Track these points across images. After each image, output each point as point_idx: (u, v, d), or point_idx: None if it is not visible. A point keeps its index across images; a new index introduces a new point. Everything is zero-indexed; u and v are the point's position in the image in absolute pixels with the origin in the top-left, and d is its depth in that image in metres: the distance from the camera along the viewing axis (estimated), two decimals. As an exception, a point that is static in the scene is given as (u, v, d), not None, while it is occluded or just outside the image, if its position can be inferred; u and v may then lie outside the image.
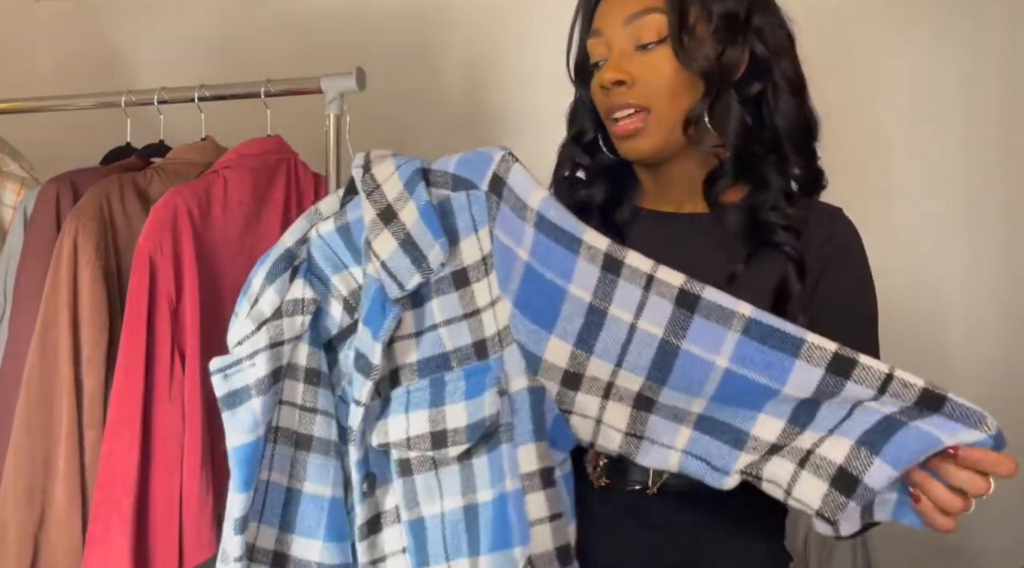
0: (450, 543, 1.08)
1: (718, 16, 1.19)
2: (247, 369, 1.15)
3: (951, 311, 2.01)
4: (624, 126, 1.21)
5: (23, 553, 1.58)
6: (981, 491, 0.95)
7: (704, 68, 1.18)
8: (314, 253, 1.19)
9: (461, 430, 1.05)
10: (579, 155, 1.30)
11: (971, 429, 0.92)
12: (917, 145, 2.02)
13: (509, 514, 1.03)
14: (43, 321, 1.64)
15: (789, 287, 1.17)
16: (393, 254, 1.08)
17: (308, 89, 1.78)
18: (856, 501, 0.93)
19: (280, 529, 1.19)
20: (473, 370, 1.07)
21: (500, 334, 1.06)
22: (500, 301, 1.05)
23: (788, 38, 1.24)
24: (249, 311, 1.16)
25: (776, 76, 1.21)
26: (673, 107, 1.19)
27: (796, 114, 1.22)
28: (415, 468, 1.11)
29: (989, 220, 2.00)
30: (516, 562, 1.02)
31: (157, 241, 1.60)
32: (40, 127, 2.17)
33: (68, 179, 1.78)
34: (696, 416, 1.01)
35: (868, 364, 0.94)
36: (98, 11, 2.45)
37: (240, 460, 1.15)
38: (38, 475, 1.61)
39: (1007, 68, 1.99)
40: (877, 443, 0.92)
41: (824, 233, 1.21)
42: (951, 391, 0.94)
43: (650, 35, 1.19)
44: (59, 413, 1.61)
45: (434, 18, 2.22)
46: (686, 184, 1.25)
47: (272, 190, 1.80)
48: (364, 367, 1.11)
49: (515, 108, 2.16)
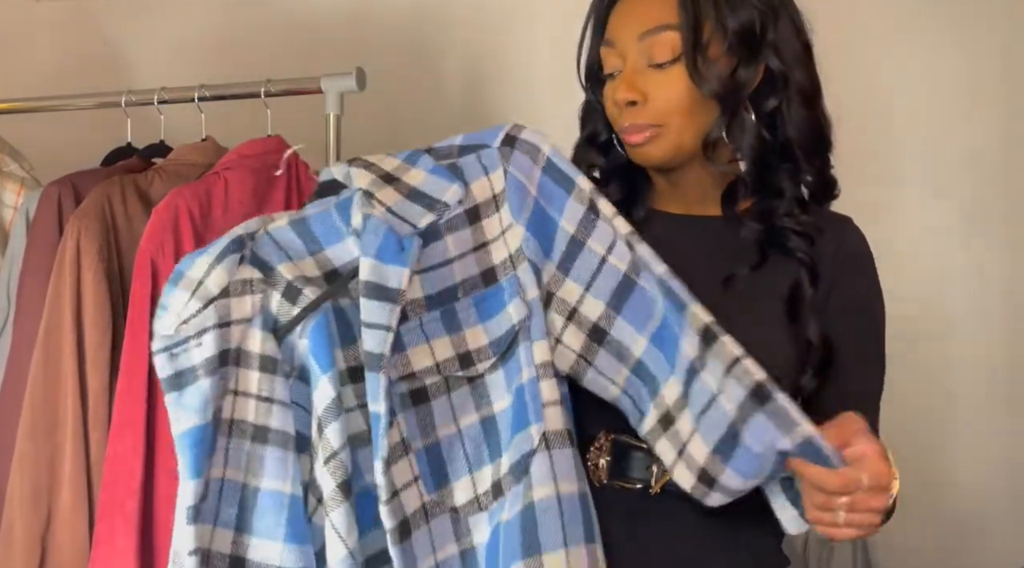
0: (472, 456, 1.15)
1: (733, 32, 1.17)
2: (193, 348, 1.12)
3: (953, 315, 2.01)
4: (636, 136, 1.20)
5: (30, 555, 1.59)
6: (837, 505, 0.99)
7: (717, 90, 1.17)
8: (258, 247, 1.17)
9: (484, 348, 1.16)
10: (593, 156, 1.29)
11: (784, 437, 1.00)
12: (920, 148, 2.02)
13: (526, 400, 1.14)
14: (47, 324, 1.64)
15: (802, 291, 1.18)
16: (399, 202, 1.17)
17: (308, 89, 1.78)
18: (721, 492, 1.07)
19: (236, 531, 1.14)
20: (481, 296, 1.17)
21: (512, 257, 1.18)
22: (512, 228, 1.18)
23: (804, 46, 1.22)
24: (192, 293, 1.14)
25: (790, 89, 1.20)
26: (686, 124, 1.19)
27: (808, 126, 1.21)
28: (432, 394, 1.14)
29: (992, 224, 2.00)
30: (532, 438, 1.13)
31: (159, 243, 1.61)
32: (40, 127, 2.17)
33: (69, 181, 1.79)
34: (635, 360, 1.14)
35: (726, 342, 1.05)
36: (98, 11, 2.45)
37: (189, 444, 1.11)
38: (43, 477, 1.61)
39: (1010, 69, 1.99)
40: (726, 454, 1.05)
41: (836, 242, 1.21)
42: (782, 395, 1.01)
43: (664, 54, 1.17)
44: (64, 415, 1.62)
45: (434, 18, 2.22)
46: (699, 188, 1.25)
47: (272, 190, 1.80)
48: (385, 294, 1.12)
49: (515, 108, 2.16)
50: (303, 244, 1.18)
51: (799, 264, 1.18)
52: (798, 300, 1.17)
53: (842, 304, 1.20)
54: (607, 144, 1.28)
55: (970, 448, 1.92)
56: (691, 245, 1.23)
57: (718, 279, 1.18)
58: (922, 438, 1.88)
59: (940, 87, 2.02)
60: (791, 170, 1.22)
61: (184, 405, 1.12)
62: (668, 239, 1.24)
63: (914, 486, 1.22)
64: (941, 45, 2.02)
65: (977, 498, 1.90)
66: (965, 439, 1.93)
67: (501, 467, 1.15)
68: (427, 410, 1.14)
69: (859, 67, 1.97)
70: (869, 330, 1.22)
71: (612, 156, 1.28)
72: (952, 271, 2.02)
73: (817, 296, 1.18)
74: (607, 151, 1.29)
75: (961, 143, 2.01)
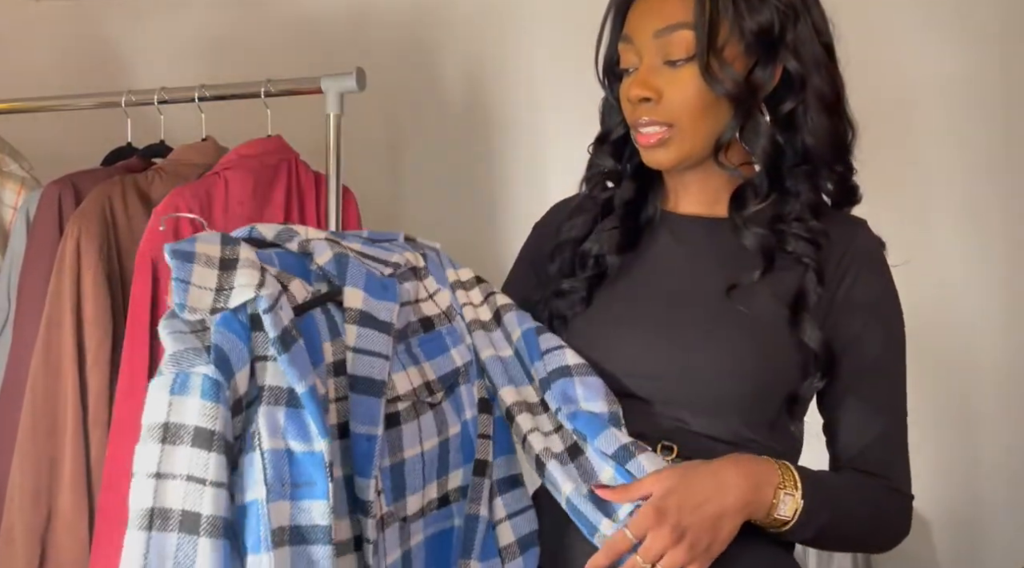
0: (427, 473, 1.20)
1: (750, 32, 1.16)
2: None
3: (953, 315, 2.01)
4: (647, 138, 1.19)
5: (30, 554, 1.59)
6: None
7: (731, 92, 1.15)
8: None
9: (435, 381, 1.22)
10: (609, 152, 1.28)
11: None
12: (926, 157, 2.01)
13: (471, 434, 1.23)
14: (47, 323, 1.64)
15: (807, 298, 1.16)
16: (359, 254, 1.23)
17: (308, 89, 1.78)
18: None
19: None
20: (425, 338, 1.25)
21: (446, 313, 1.27)
22: (439, 292, 1.29)
23: (826, 49, 1.19)
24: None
25: (808, 93, 1.18)
26: (698, 124, 1.17)
27: (827, 132, 1.18)
28: (403, 419, 1.18)
29: (992, 226, 2.00)
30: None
31: (159, 244, 1.61)
32: (40, 127, 2.17)
33: (70, 181, 1.79)
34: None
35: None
36: (98, 11, 2.45)
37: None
38: (44, 477, 1.61)
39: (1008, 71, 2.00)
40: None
41: (844, 244, 1.19)
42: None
43: (679, 52, 1.16)
44: (64, 415, 1.62)
45: (434, 18, 2.22)
46: (710, 190, 1.24)
47: (273, 190, 1.80)
48: (378, 325, 1.17)
49: (515, 108, 2.16)
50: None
51: (805, 268, 1.17)
52: (801, 307, 1.16)
53: (849, 304, 1.18)
54: (622, 141, 1.27)
55: (970, 448, 1.92)
56: (699, 248, 1.22)
57: (723, 283, 1.17)
58: (923, 439, 1.88)
59: (944, 89, 2.01)
60: (809, 172, 1.20)
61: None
62: (676, 241, 1.24)
63: (914, 486, 1.22)
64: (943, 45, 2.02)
65: (978, 498, 1.90)
66: (965, 439, 1.93)
67: (449, 482, 1.21)
68: (397, 433, 1.17)
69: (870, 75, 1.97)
70: (877, 331, 1.19)
71: (628, 153, 1.27)
72: (954, 273, 2.01)
73: (823, 301, 1.17)
74: (623, 148, 1.27)
75: (961, 149, 2.01)
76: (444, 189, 2.21)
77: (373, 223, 1.98)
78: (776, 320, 1.16)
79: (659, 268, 1.24)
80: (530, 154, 2.16)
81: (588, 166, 1.32)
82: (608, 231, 1.26)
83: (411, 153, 2.25)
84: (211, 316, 1.05)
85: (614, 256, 1.24)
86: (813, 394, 1.20)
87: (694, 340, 1.17)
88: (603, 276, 1.25)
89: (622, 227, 1.26)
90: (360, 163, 2.01)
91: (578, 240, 1.28)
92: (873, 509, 1.18)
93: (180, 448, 0.99)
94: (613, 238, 1.25)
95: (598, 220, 1.28)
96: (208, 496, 0.98)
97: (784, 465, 1.12)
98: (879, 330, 1.20)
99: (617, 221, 1.26)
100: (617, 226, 1.26)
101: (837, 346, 1.17)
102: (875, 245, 1.22)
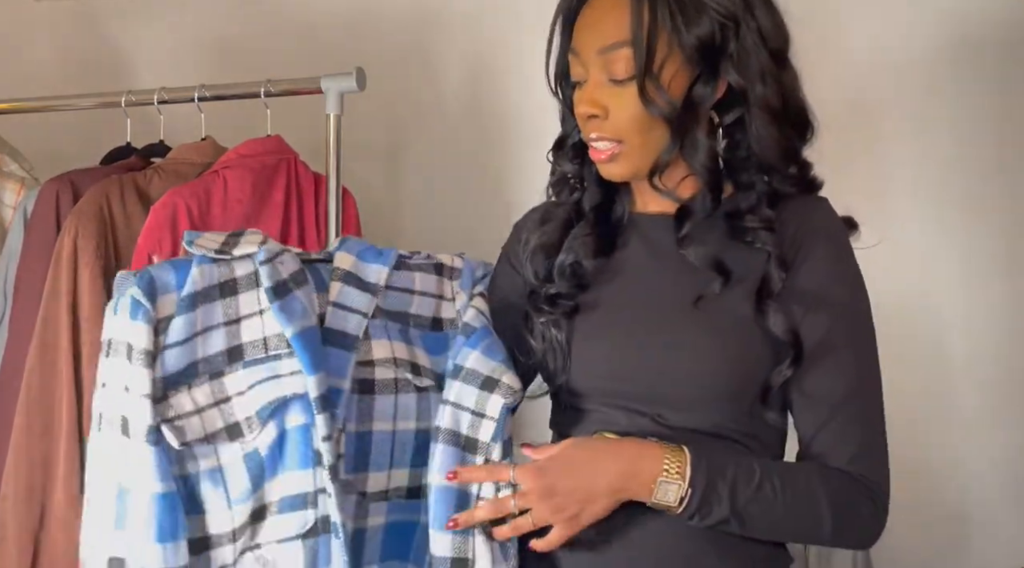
0: (396, 456, 1.23)
1: (690, 47, 1.15)
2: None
3: (953, 315, 2.00)
4: (598, 153, 1.21)
5: (23, 552, 1.59)
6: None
7: (666, 114, 1.16)
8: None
9: (428, 369, 1.26)
10: (570, 157, 1.29)
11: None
12: (911, 146, 2.01)
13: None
14: (43, 320, 1.64)
15: (771, 284, 1.16)
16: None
17: (308, 89, 1.78)
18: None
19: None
20: (429, 336, 1.29)
21: (455, 319, 1.30)
22: (459, 295, 1.32)
23: (773, 55, 1.18)
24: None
25: (752, 103, 1.18)
26: (645, 141, 1.18)
27: (773, 141, 1.19)
28: (378, 389, 1.22)
29: (988, 223, 1.99)
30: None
31: (156, 240, 1.61)
32: (40, 127, 2.17)
33: (68, 179, 1.79)
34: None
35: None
36: (98, 11, 2.45)
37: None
38: (38, 474, 1.61)
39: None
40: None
41: (798, 222, 1.19)
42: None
43: (620, 71, 1.16)
44: (59, 413, 1.62)
45: (434, 19, 2.22)
46: (671, 188, 1.23)
47: (272, 190, 1.80)
48: (363, 285, 1.24)
49: (515, 108, 2.16)
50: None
51: (768, 257, 1.17)
52: (766, 295, 1.16)
53: (803, 279, 1.17)
54: (581, 144, 1.27)
55: (970, 448, 1.91)
56: (669, 248, 1.23)
57: (693, 285, 1.18)
58: (921, 438, 1.87)
59: (930, 82, 2.00)
60: (762, 167, 1.20)
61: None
62: (645, 243, 1.25)
63: (914, 486, 1.21)
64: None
65: (977, 498, 1.89)
66: (965, 439, 1.92)
67: (423, 476, 1.24)
68: (369, 401, 1.22)
69: (844, 63, 1.96)
70: (835, 305, 1.17)
71: (586, 158, 1.27)
72: (948, 270, 2.00)
73: (787, 284, 1.16)
74: (582, 151, 1.27)
75: (953, 140, 1.99)
76: (444, 189, 2.21)
77: (373, 223, 1.98)
78: (745, 315, 1.17)
79: (630, 274, 1.25)
80: (530, 154, 2.15)
81: (551, 172, 1.33)
82: (582, 238, 1.27)
83: (411, 153, 2.25)
84: (216, 255, 1.18)
85: (591, 261, 1.26)
86: (782, 381, 1.17)
87: (665, 344, 1.19)
88: (583, 284, 1.26)
89: (594, 233, 1.27)
90: (360, 163, 2.01)
91: (552, 246, 1.29)
92: (815, 500, 1.14)
93: (114, 360, 1.14)
94: (588, 245, 1.26)
95: (571, 225, 1.29)
96: (133, 402, 1.11)
97: (678, 453, 1.13)
98: (832, 306, 1.17)
99: (589, 228, 1.27)
100: (590, 233, 1.27)
101: (800, 329, 1.16)
102: (829, 219, 1.21)
